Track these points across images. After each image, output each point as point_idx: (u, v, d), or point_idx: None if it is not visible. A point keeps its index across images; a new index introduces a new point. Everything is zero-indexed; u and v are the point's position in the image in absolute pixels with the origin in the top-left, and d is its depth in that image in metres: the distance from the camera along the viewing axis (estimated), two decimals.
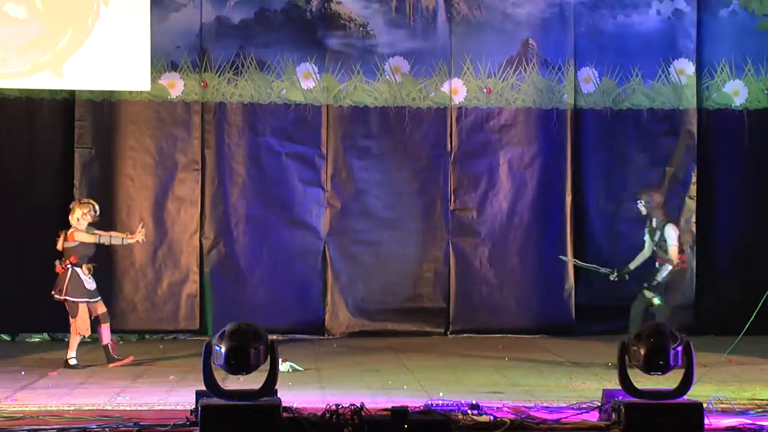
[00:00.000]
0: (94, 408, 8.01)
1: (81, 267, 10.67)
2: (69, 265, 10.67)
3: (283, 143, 13.25)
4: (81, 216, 10.75)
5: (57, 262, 10.79)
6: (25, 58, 12.35)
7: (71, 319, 10.68)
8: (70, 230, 10.74)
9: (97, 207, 10.88)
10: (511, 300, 13.41)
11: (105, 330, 10.73)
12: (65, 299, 10.66)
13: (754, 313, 8.89)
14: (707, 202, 13.59)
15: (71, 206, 10.92)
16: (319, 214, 13.22)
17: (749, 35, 13.58)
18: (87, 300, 10.70)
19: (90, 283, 10.71)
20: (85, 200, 11.01)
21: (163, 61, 12.99)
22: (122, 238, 10.93)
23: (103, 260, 12.93)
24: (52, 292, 10.77)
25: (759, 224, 13.48)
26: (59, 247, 10.81)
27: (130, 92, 12.94)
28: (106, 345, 10.70)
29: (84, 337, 10.72)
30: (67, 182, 12.94)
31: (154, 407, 8.11)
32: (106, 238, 10.83)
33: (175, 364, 10.64)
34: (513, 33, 13.47)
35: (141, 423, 7.18)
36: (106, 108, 13.02)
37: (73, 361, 10.63)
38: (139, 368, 10.56)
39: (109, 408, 8.06)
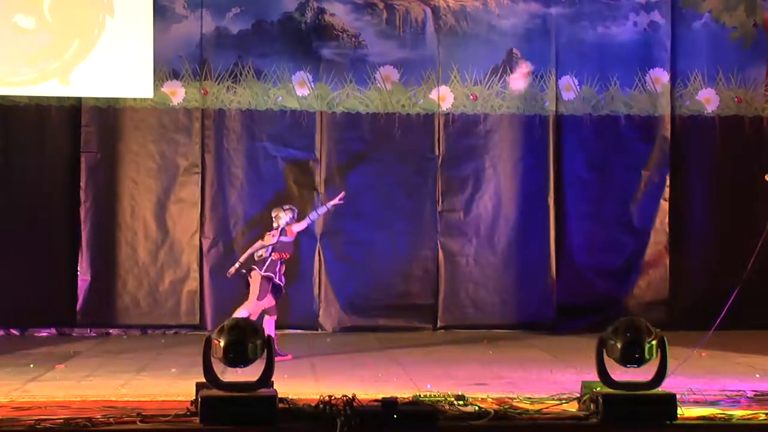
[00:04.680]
0: (99, 399, 8.01)
1: (283, 266, 10.99)
2: (281, 260, 10.92)
3: (279, 148, 13.26)
4: (289, 219, 11.03)
5: (271, 249, 10.89)
6: (34, 66, 12.36)
7: (258, 301, 10.77)
8: (288, 226, 10.98)
9: (296, 211, 11.24)
10: (496, 297, 13.42)
11: (271, 322, 10.79)
12: (278, 284, 10.88)
13: (724, 310, 8.92)
14: (680, 204, 13.62)
15: (275, 215, 11.07)
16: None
17: (721, 46, 13.62)
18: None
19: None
20: (288, 207, 11.24)
21: (165, 69, 12.99)
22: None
23: (107, 258, 12.98)
24: (258, 269, 10.82)
25: (729, 225, 13.51)
26: (272, 240, 10.93)
27: (134, 99, 12.94)
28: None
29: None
30: (74, 185, 12.95)
31: (156, 398, 8.10)
32: (313, 214, 11.61)
33: (177, 358, 10.63)
34: (498, 43, 13.48)
35: (144, 413, 7.17)
36: (111, 114, 13.02)
37: None
38: (142, 361, 10.57)
39: (114, 399, 8.06)
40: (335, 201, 11.61)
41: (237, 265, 11.08)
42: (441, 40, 13.41)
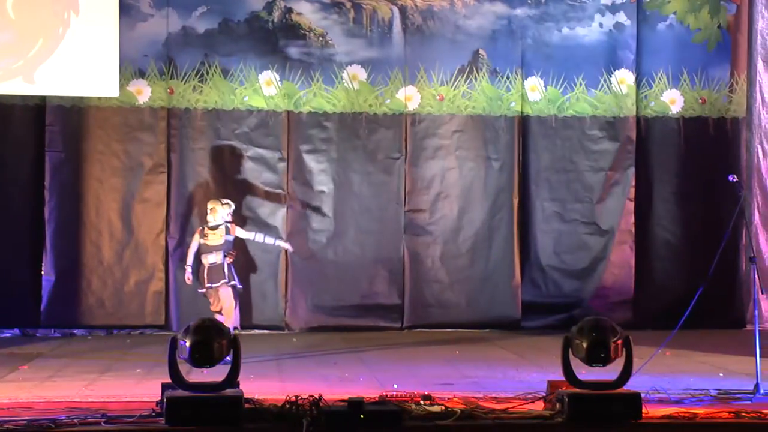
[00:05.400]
0: (63, 400, 7.95)
1: None
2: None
3: (246, 147, 13.22)
4: (225, 215, 10.88)
5: (223, 254, 10.74)
6: None
7: (234, 309, 10.67)
8: (231, 225, 10.87)
9: (233, 206, 11.18)
10: (461, 297, 13.45)
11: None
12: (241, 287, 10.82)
13: (688, 309, 8.97)
14: (645, 204, 13.70)
15: (211, 207, 10.89)
16: (279, 215, 13.19)
17: (685, 48, 13.72)
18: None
19: None
20: (225, 201, 11.06)
21: (131, 68, 12.92)
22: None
23: (72, 258, 12.89)
24: (225, 282, 10.70)
25: (693, 225, 13.61)
26: (218, 241, 10.75)
27: (99, 98, 12.85)
28: None
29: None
30: (38, 184, 12.84)
31: (121, 399, 8.05)
32: (258, 236, 11.47)
33: (142, 358, 10.57)
34: (464, 44, 13.51)
35: (108, 414, 7.12)
36: (75, 113, 12.93)
37: None
38: (107, 362, 10.50)
39: (78, 400, 7.99)
40: (284, 245, 11.73)
41: (189, 269, 10.97)
42: (408, 39, 13.42)
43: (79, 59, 12.32)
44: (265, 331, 13.02)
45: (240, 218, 13.08)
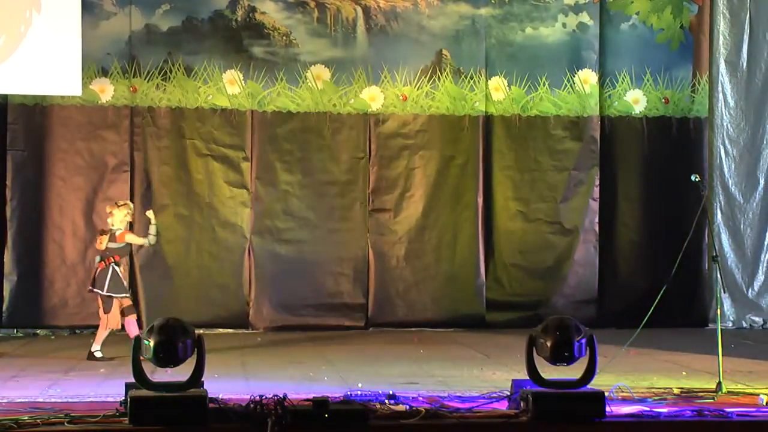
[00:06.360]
0: (27, 400, 7.88)
1: (120, 266, 10.62)
2: (112, 264, 10.56)
3: (210, 146, 13.16)
4: (123, 217, 10.70)
5: (98, 259, 10.65)
6: None
7: (103, 314, 10.54)
8: (120, 232, 10.63)
9: (132, 206, 10.99)
10: (426, 296, 13.46)
11: (132, 322, 10.61)
12: (107, 295, 10.53)
13: (652, 308, 9.01)
14: (609, 204, 13.78)
15: (109, 211, 10.78)
16: (243, 214, 13.15)
17: (648, 48, 13.81)
18: (123, 296, 10.60)
19: (125, 280, 10.69)
20: (122, 203, 10.92)
21: (93, 67, 12.84)
22: (156, 233, 11.00)
23: (35, 257, 12.78)
24: (92, 288, 10.61)
25: (657, 224, 13.70)
26: (101, 246, 10.64)
27: (62, 97, 12.76)
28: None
29: (113, 330, 10.62)
30: (0, 183, 12.73)
31: (85, 399, 7.99)
32: (151, 238, 10.93)
33: (106, 358, 10.50)
34: (428, 44, 13.54)
35: (72, 414, 7.07)
36: (38, 112, 12.83)
37: (98, 354, 10.47)
38: (70, 361, 10.42)
39: (41, 400, 7.93)
40: (152, 232, 10.96)
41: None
42: (372, 40, 13.42)
43: (42, 57, 12.21)
44: (230, 330, 12.97)
45: (205, 218, 13.07)
